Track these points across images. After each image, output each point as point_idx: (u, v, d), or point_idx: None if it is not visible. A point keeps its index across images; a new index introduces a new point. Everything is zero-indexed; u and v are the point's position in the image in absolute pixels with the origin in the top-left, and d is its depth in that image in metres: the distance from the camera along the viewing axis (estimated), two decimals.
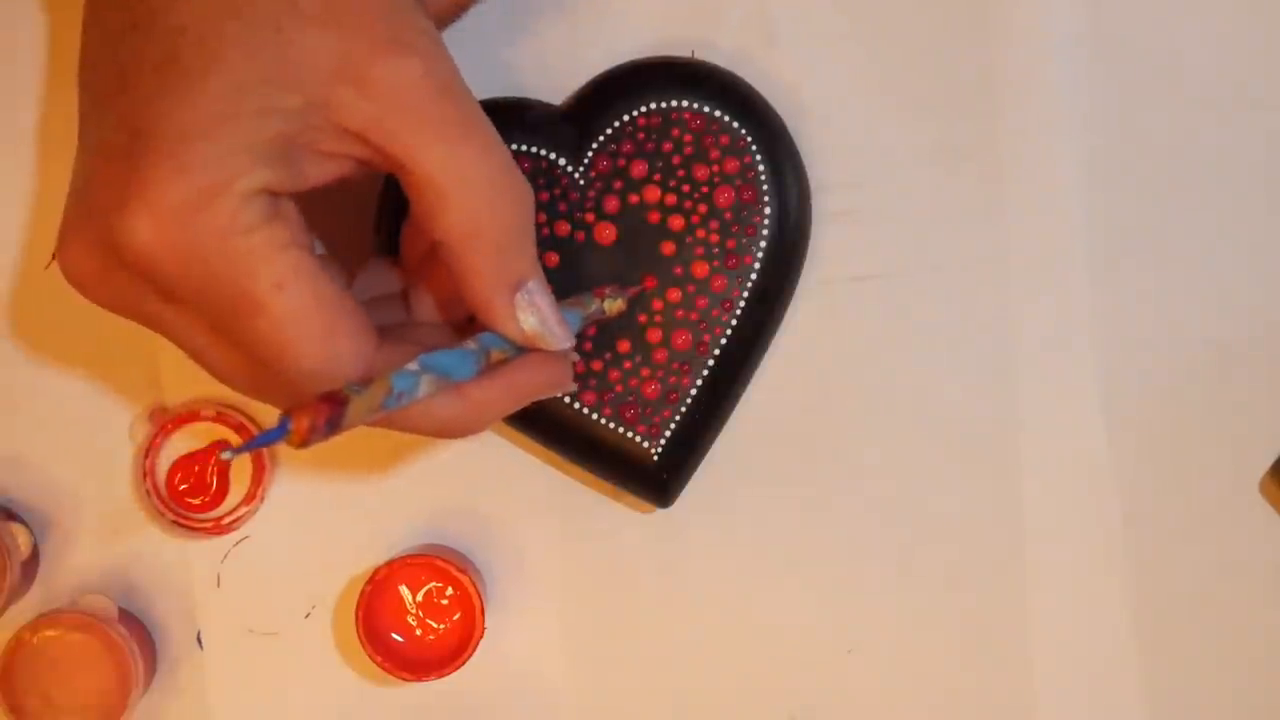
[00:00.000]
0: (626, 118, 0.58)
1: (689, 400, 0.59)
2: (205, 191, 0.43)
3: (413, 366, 0.46)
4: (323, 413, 0.42)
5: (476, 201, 0.46)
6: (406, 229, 0.53)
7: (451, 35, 0.60)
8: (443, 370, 0.47)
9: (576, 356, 0.53)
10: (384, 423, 0.47)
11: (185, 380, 0.62)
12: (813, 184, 0.60)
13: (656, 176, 0.58)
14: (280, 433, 0.41)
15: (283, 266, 0.45)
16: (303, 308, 0.45)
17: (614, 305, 0.56)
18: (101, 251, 0.45)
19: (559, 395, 0.53)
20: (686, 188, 0.58)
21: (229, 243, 0.44)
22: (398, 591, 0.60)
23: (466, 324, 0.52)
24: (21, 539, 0.61)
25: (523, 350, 0.49)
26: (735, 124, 0.58)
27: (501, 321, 0.49)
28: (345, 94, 0.45)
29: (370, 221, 0.58)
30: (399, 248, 0.54)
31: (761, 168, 0.58)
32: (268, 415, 0.62)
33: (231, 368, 0.48)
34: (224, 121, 0.44)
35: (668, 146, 0.58)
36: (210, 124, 0.43)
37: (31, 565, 0.62)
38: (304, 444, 0.41)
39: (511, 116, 0.58)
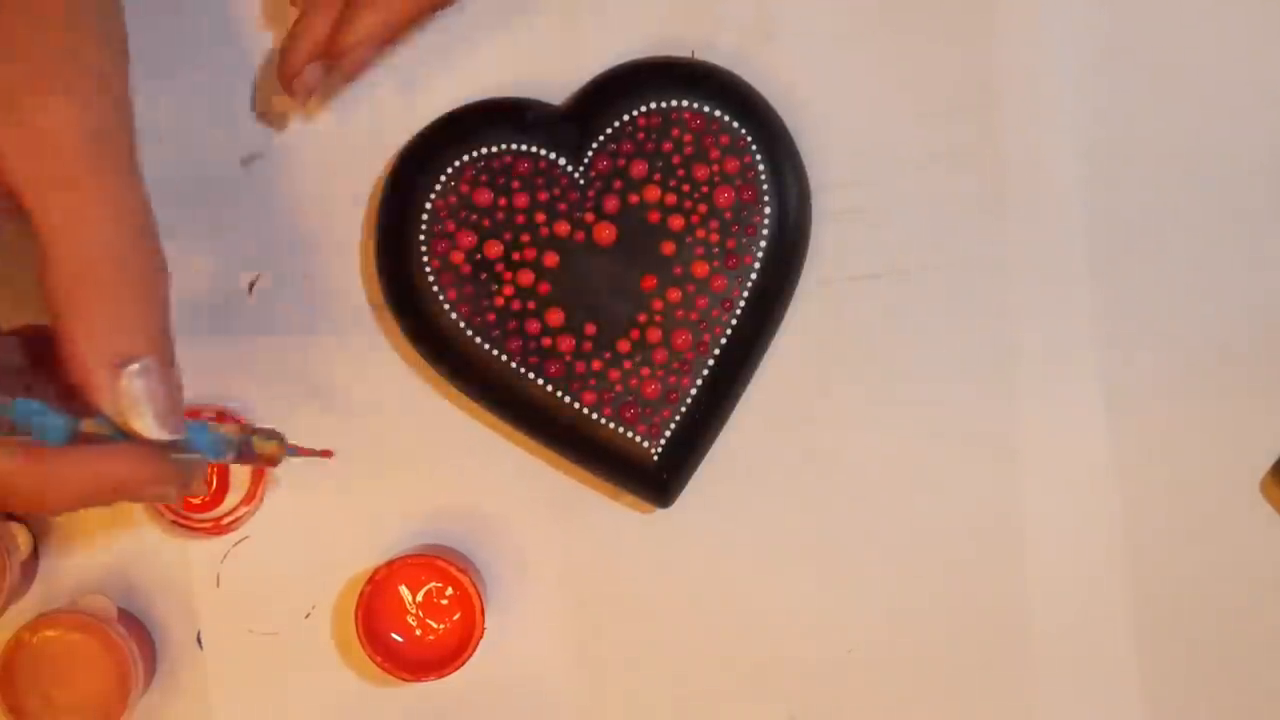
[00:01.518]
0: (626, 118, 0.58)
1: (689, 400, 0.59)
2: None
3: None
4: None
5: (86, 262, 0.42)
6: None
7: (452, 35, 0.60)
8: (24, 423, 0.42)
9: (195, 483, 0.48)
10: None
11: (185, 380, 0.62)
12: (813, 184, 0.60)
13: (656, 176, 0.58)
14: None
15: None
16: None
17: (267, 445, 0.50)
18: None
19: (157, 503, 0.48)
20: (686, 188, 0.58)
21: None
22: (398, 591, 0.60)
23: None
24: (21, 539, 0.61)
25: (124, 437, 0.44)
26: (735, 124, 0.58)
27: (94, 392, 0.43)
28: None
29: None
30: None
31: (761, 168, 0.58)
32: (268, 415, 0.62)
33: None
34: None
35: (668, 146, 0.58)
36: None
37: (31, 565, 0.62)
38: None
39: (511, 116, 0.58)
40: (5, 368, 0.48)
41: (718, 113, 0.58)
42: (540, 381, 0.58)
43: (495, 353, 0.58)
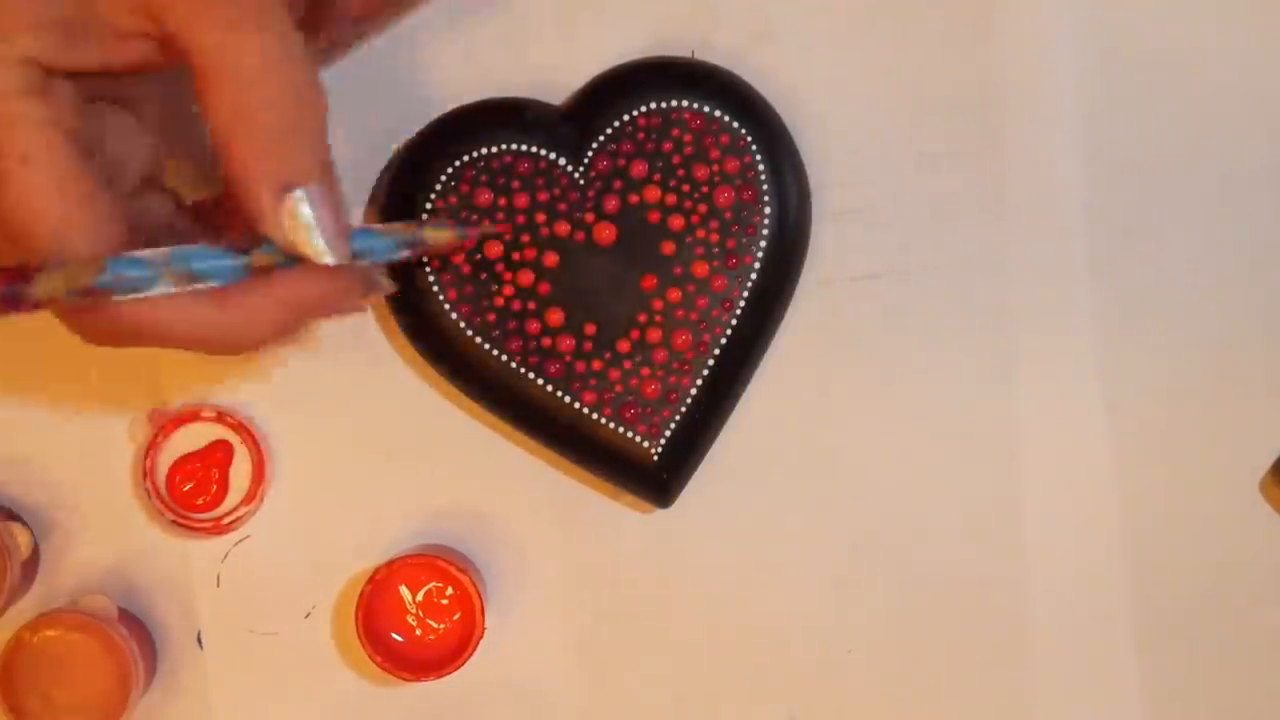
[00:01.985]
0: (626, 118, 0.58)
1: (689, 400, 0.59)
2: None
3: (150, 255, 0.43)
4: (1, 280, 0.39)
5: (249, 87, 0.44)
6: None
7: (452, 35, 0.60)
8: (194, 266, 0.43)
9: (390, 286, 0.50)
10: (129, 324, 0.44)
11: (185, 380, 0.62)
12: (813, 184, 0.60)
13: (656, 176, 0.58)
14: None
15: (34, 142, 0.43)
16: (44, 186, 0.43)
17: (439, 234, 0.51)
18: None
19: (346, 316, 0.49)
20: (686, 188, 0.58)
21: None
22: (398, 591, 0.60)
23: None
24: (21, 539, 0.61)
25: (296, 261, 0.45)
26: (735, 124, 0.58)
27: (261, 220, 0.45)
28: None
29: None
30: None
31: (761, 168, 0.58)
32: (268, 416, 0.62)
33: None
34: None
35: (668, 146, 0.58)
36: None
37: (31, 565, 0.62)
38: None
39: (511, 116, 0.58)
40: (182, 235, 0.49)
41: (718, 113, 0.58)
42: (540, 381, 0.58)
43: (495, 353, 0.58)
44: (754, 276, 0.58)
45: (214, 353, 0.46)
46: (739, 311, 0.58)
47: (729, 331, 0.59)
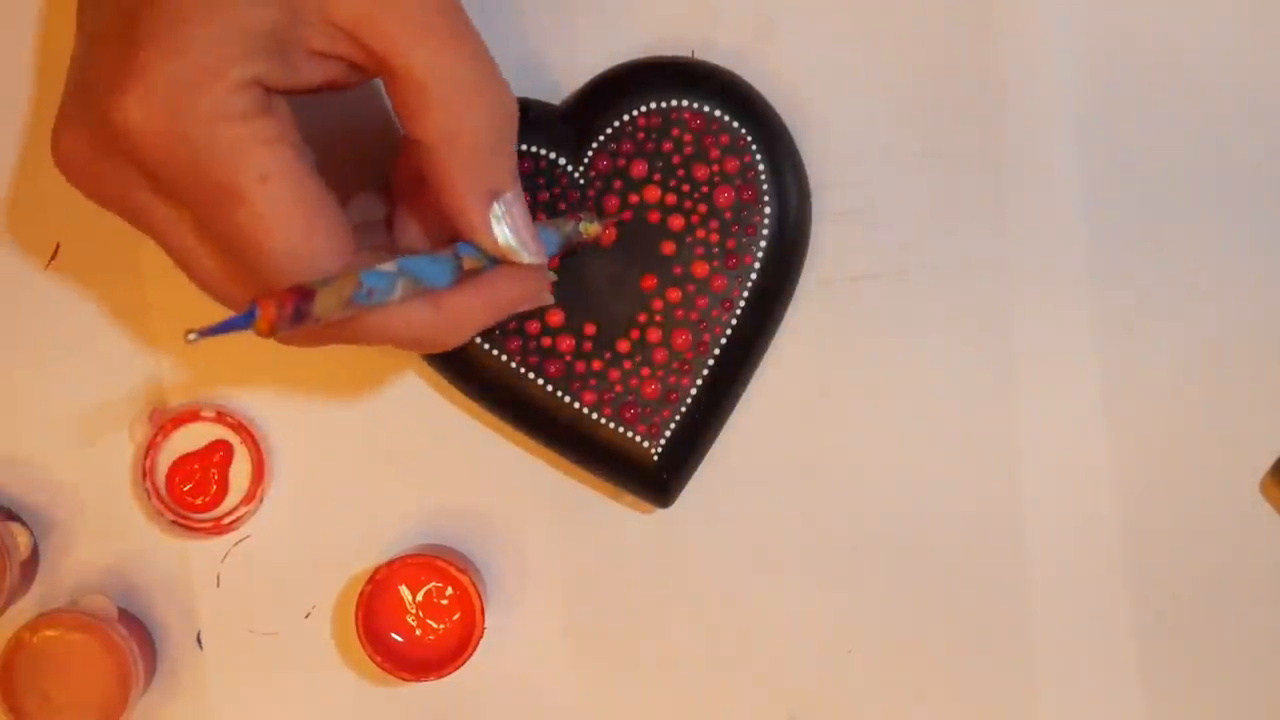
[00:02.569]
0: (626, 118, 0.58)
1: (689, 400, 0.59)
2: (198, 75, 0.44)
3: (387, 267, 0.46)
4: (289, 301, 0.41)
5: (459, 103, 0.47)
6: (399, 159, 0.54)
7: None
8: (418, 274, 0.47)
9: (553, 276, 0.54)
10: (361, 331, 0.47)
11: (185, 380, 0.62)
12: (813, 184, 0.60)
13: (656, 176, 0.58)
14: (248, 319, 0.41)
15: (269, 159, 0.45)
16: (284, 202, 0.45)
17: (590, 228, 0.56)
18: (91, 134, 0.45)
19: (535, 309, 0.54)
20: (686, 187, 0.58)
21: (217, 129, 0.44)
22: (398, 591, 0.60)
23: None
24: (21, 539, 0.61)
25: (496, 262, 0.49)
26: (735, 124, 0.58)
27: (476, 229, 0.49)
28: None
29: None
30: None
31: (761, 168, 0.58)
32: (268, 416, 0.62)
33: (212, 269, 0.48)
34: (218, 7, 0.44)
35: (668, 146, 0.58)
36: (205, 9, 0.44)
37: (31, 565, 0.62)
38: (271, 331, 0.41)
39: None
40: (372, 223, 0.53)
41: (718, 113, 0.58)
42: (540, 381, 0.58)
43: (495, 353, 0.58)
44: (754, 276, 0.58)
45: (427, 350, 0.50)
46: (739, 311, 0.58)
47: (729, 331, 0.59)
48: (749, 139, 0.58)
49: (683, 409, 0.59)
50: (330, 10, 0.45)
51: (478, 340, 0.58)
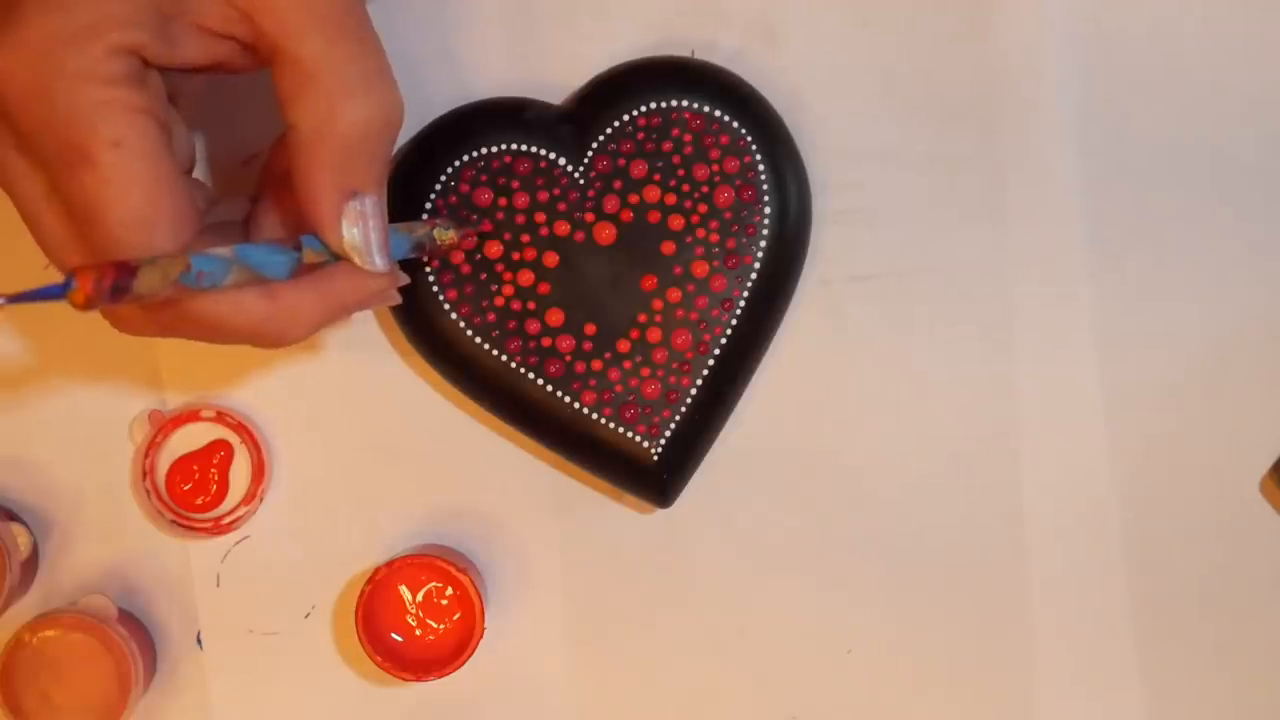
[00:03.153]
0: (626, 118, 0.58)
1: (689, 400, 0.59)
2: (75, 33, 0.44)
3: (221, 252, 0.45)
4: (109, 275, 0.40)
5: (339, 95, 0.46)
6: (271, 151, 0.53)
7: (451, 35, 0.60)
8: (253, 262, 0.45)
9: (405, 277, 0.52)
10: (192, 316, 0.46)
11: (185, 380, 0.62)
12: (813, 184, 0.60)
13: (656, 176, 0.58)
14: (62, 290, 0.40)
15: (126, 128, 0.44)
16: (131, 173, 0.44)
17: (446, 235, 0.55)
18: None
19: (383, 305, 0.53)
20: (686, 187, 0.58)
21: (81, 87, 0.44)
22: (398, 591, 0.60)
23: None
24: (21, 539, 0.61)
25: (331, 261, 0.48)
26: (735, 124, 0.58)
27: (324, 224, 0.47)
28: None
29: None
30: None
31: (761, 168, 0.58)
32: (268, 416, 0.62)
33: (55, 233, 0.47)
34: None
35: (668, 146, 0.58)
36: None
37: (31, 565, 0.62)
38: (87, 304, 0.40)
39: (511, 116, 0.58)
40: (228, 223, 0.52)
41: (718, 113, 0.58)
42: (540, 381, 0.58)
43: (495, 353, 0.58)
44: (754, 276, 0.58)
45: (261, 344, 0.48)
46: (739, 311, 0.58)
47: (729, 331, 0.59)
48: (749, 139, 0.58)
49: (683, 409, 0.59)
50: None
51: (478, 340, 0.58)
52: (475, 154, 0.58)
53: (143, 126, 0.45)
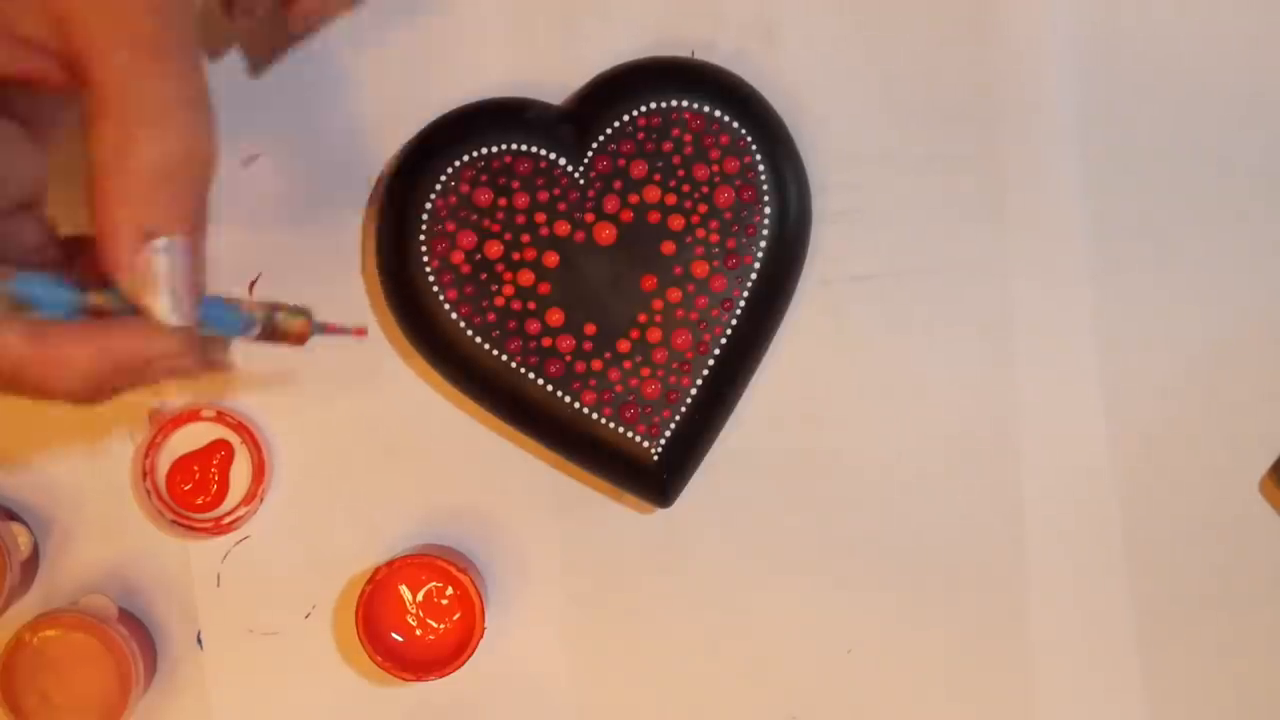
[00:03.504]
0: (626, 118, 0.58)
1: (689, 400, 0.59)
2: None
3: None
4: None
5: (137, 123, 0.42)
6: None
7: (451, 34, 0.60)
8: (25, 296, 0.41)
9: (225, 361, 0.46)
10: None
11: (185, 381, 0.62)
12: (813, 184, 0.60)
13: (656, 176, 0.58)
14: None
15: None
16: None
17: (292, 321, 0.45)
18: None
19: (177, 378, 0.47)
20: (686, 188, 0.58)
21: None
22: (398, 591, 0.60)
23: None
24: (21, 539, 0.61)
25: (122, 310, 0.42)
26: (735, 124, 0.58)
27: (114, 265, 0.42)
28: None
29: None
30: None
31: (761, 168, 0.58)
32: (268, 416, 0.62)
33: None
34: None
35: (668, 146, 0.58)
36: None
37: (31, 565, 0.62)
38: None
39: (511, 116, 0.58)
40: (50, 268, 0.46)
41: (718, 113, 0.58)
42: (540, 381, 0.58)
43: (495, 353, 0.58)
44: (754, 276, 0.58)
45: (19, 393, 0.42)
46: (739, 311, 0.58)
47: (729, 331, 0.59)
48: (749, 139, 0.58)
49: (683, 409, 0.59)
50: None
51: (478, 340, 0.58)
52: (475, 154, 0.58)
53: None
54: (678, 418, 0.59)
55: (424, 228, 0.58)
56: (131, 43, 0.41)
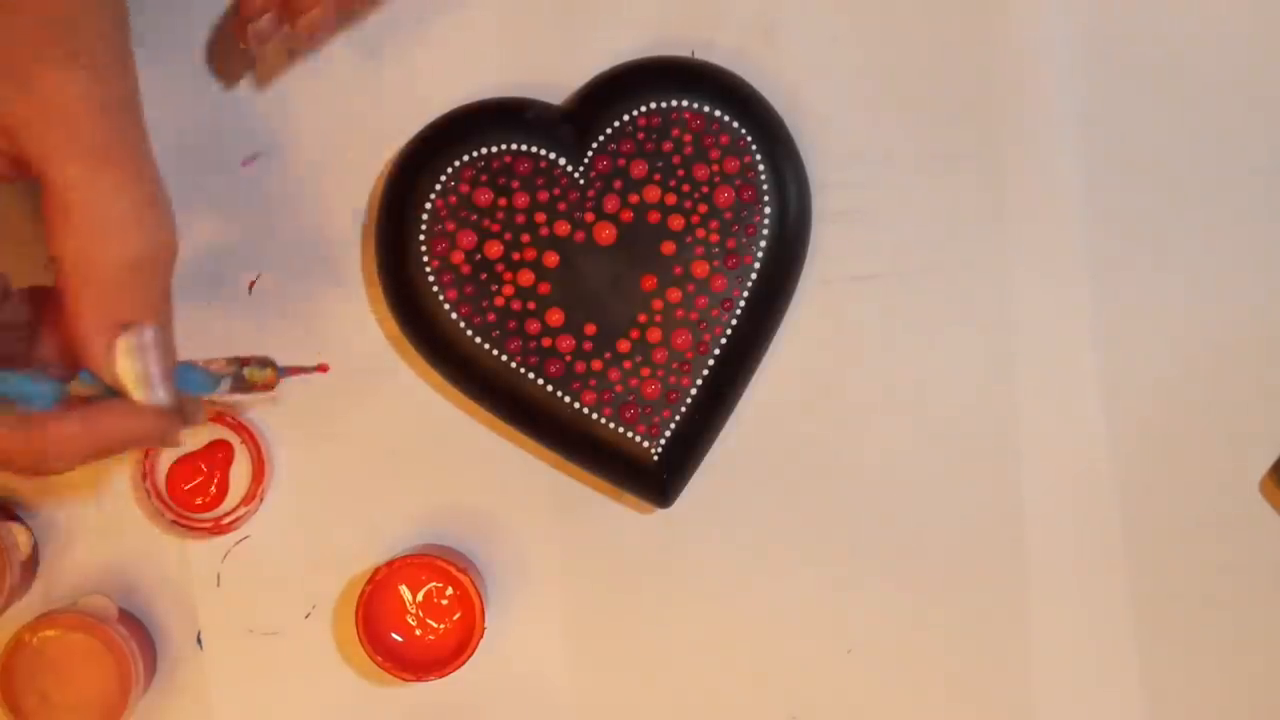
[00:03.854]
0: (626, 118, 0.58)
1: (689, 400, 0.59)
2: None
3: None
4: None
5: (98, 230, 0.44)
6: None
7: (452, 35, 0.60)
8: (13, 393, 0.44)
9: (200, 415, 0.49)
10: None
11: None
12: (813, 184, 0.60)
13: (657, 176, 0.58)
14: None
15: None
16: None
17: (259, 375, 0.49)
18: None
19: (167, 446, 0.49)
20: (686, 187, 0.58)
21: None
22: (398, 591, 0.60)
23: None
24: (21, 539, 0.61)
25: (114, 393, 0.46)
26: (735, 124, 0.58)
27: (92, 359, 0.45)
28: (5, 89, 0.43)
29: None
30: None
31: (761, 168, 0.58)
32: (268, 416, 0.62)
33: None
34: None
35: (668, 146, 0.58)
36: None
37: (31, 565, 0.62)
38: None
39: (511, 116, 0.58)
40: (11, 324, 0.49)
41: (718, 113, 0.58)
42: (540, 381, 0.58)
43: (495, 353, 0.58)
44: (754, 276, 0.58)
45: (18, 473, 0.46)
46: (739, 311, 0.58)
47: (729, 331, 0.59)
48: (749, 139, 0.58)
49: (683, 409, 0.59)
50: None
51: (478, 340, 0.58)
52: (475, 154, 0.58)
53: None
54: (678, 418, 0.59)
55: (424, 228, 0.58)
56: (86, 154, 0.43)
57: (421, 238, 0.58)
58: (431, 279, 0.58)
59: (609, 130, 0.58)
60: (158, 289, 0.46)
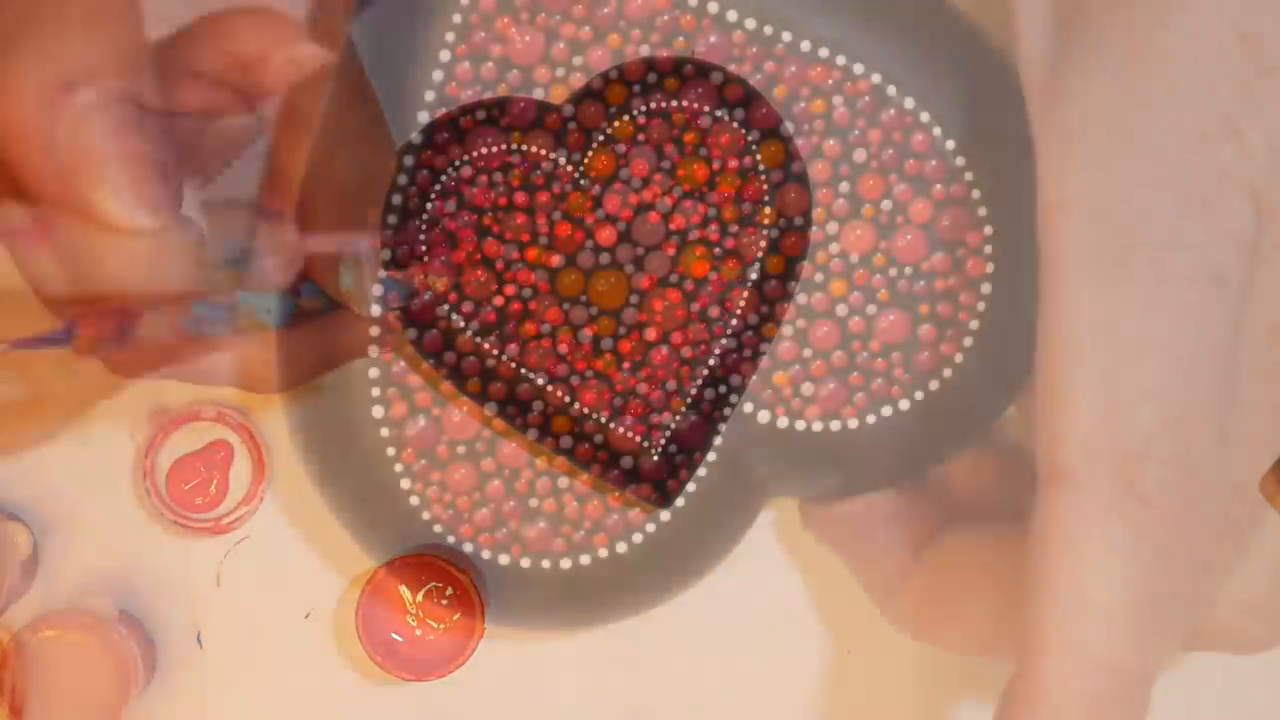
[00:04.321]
0: (626, 117, 0.58)
1: (689, 400, 0.59)
2: (70, 79, 0.43)
3: (222, 299, 0.45)
4: (112, 323, 0.41)
5: (337, 143, 0.48)
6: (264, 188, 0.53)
7: (450, 34, 0.60)
8: (254, 310, 0.46)
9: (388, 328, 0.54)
10: (194, 366, 0.47)
11: (183, 380, 0.62)
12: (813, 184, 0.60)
13: (657, 176, 0.58)
14: (65, 337, 0.41)
15: (124, 173, 0.44)
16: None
17: (438, 283, 0.55)
18: None
19: (355, 359, 0.54)
20: (687, 187, 0.58)
21: (79, 134, 0.43)
22: (398, 591, 0.60)
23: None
24: (21, 539, 0.61)
25: (332, 308, 0.49)
26: (735, 124, 0.58)
27: (323, 270, 0.49)
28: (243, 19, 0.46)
29: None
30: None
31: (762, 167, 0.58)
32: (268, 416, 0.62)
33: (56, 278, 0.47)
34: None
35: (668, 146, 0.58)
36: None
37: (31, 565, 0.62)
38: (89, 352, 0.41)
39: (511, 116, 0.58)
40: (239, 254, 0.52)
41: (718, 112, 0.58)
42: (540, 381, 0.58)
43: (495, 353, 0.58)
44: (754, 276, 0.58)
45: (258, 390, 0.50)
46: (739, 311, 0.58)
47: (729, 331, 0.59)
48: (749, 139, 0.58)
49: (683, 409, 0.59)
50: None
51: (477, 340, 0.58)
52: (475, 154, 0.58)
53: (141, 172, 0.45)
54: (678, 418, 0.59)
55: (424, 227, 0.58)
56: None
57: (421, 237, 0.58)
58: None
59: (609, 130, 0.58)
60: (378, 205, 0.51)
